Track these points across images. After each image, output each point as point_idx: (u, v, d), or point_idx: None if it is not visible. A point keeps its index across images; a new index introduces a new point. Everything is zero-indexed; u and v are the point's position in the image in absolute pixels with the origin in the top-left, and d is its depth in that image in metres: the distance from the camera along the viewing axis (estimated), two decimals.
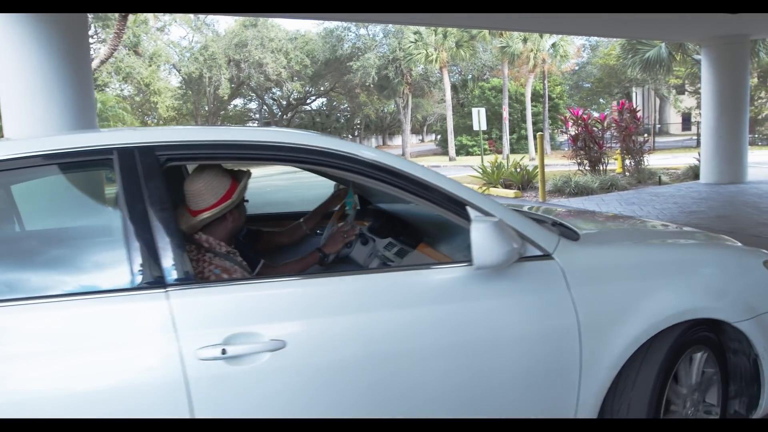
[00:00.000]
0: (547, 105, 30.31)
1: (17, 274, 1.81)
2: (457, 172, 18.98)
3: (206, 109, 35.97)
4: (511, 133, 30.33)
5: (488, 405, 1.94)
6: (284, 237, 3.07)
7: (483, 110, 16.41)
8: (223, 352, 1.63)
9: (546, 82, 30.23)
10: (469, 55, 29.40)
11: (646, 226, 3.05)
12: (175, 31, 34.99)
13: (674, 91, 36.52)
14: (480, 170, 13.27)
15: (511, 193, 12.07)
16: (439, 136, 39.09)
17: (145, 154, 1.77)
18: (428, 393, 1.86)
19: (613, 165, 13.91)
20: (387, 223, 2.93)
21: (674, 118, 42.34)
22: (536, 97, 31.33)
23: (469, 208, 1.94)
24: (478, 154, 29.11)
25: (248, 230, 2.90)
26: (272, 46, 32.54)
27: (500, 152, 25.42)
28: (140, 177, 1.75)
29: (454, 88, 36.73)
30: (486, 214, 1.94)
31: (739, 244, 2.74)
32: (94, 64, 12.88)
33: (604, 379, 2.03)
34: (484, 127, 16.21)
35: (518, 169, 12.73)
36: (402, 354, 1.82)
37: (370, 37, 34.28)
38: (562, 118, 15.65)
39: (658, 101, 41.99)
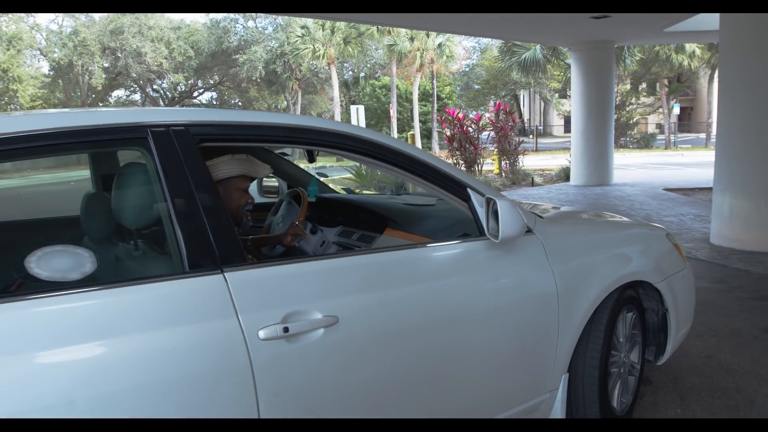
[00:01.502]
0: (435, 105, 30.51)
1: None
2: (335, 173, 18.43)
3: (78, 99, 33.25)
4: (400, 132, 30.29)
5: (494, 363, 2.14)
6: None
7: (362, 108, 16.03)
8: (285, 330, 1.62)
9: (435, 81, 30.42)
10: (357, 51, 29.00)
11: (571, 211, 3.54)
12: (44, 14, 32.11)
13: (556, 95, 38.05)
14: (354, 171, 12.76)
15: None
16: None
17: (182, 134, 1.71)
18: (469, 355, 2.05)
19: (491, 165, 13.92)
20: (333, 213, 3.06)
21: (557, 121, 44.22)
22: (426, 96, 31.51)
23: (469, 190, 2.16)
24: None
25: None
26: (152, 34, 30.58)
27: None
28: (180, 156, 1.67)
29: (345, 85, 36.29)
30: (482, 194, 2.16)
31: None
32: None
33: (573, 337, 2.34)
34: (362, 125, 15.77)
35: None
36: (447, 322, 1.98)
37: (258, 29, 33.08)
38: (438, 118, 15.50)
39: (542, 104, 43.69)
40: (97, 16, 31.23)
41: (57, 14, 31.65)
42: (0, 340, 1.33)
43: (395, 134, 27.84)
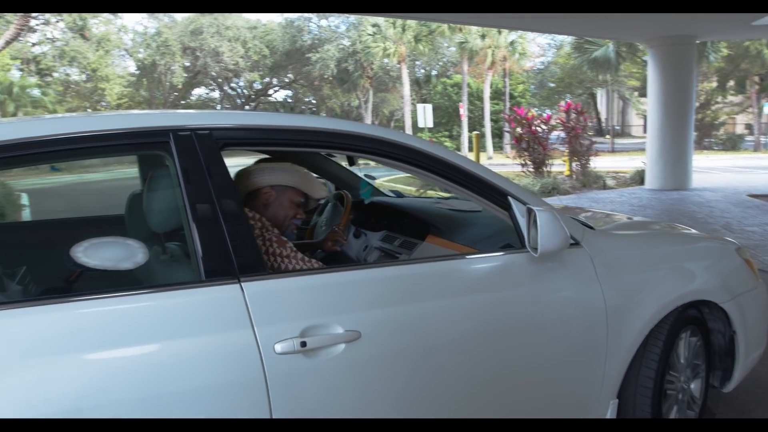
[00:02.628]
0: (508, 103, 29.93)
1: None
2: (385, 171, 18.29)
3: (161, 97, 34.73)
4: (471, 131, 29.89)
5: (530, 387, 2.02)
6: None
7: (429, 107, 15.86)
8: (303, 344, 1.56)
9: (507, 80, 29.83)
10: (428, 49, 28.81)
11: (627, 221, 3.28)
12: (131, 16, 33.82)
13: (635, 93, 36.53)
14: None
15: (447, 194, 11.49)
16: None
17: (204, 137, 1.67)
18: (503, 377, 1.94)
19: (562, 167, 13.47)
20: (378, 217, 2.99)
21: (636, 120, 42.47)
22: (498, 95, 30.97)
23: (510, 198, 2.03)
24: None
25: None
26: (229, 34, 31.51)
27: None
28: (201, 161, 1.64)
29: (417, 83, 36.18)
30: (524, 203, 2.03)
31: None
32: None
33: (623, 359, 2.16)
34: (430, 124, 15.66)
35: None
36: (480, 340, 1.87)
37: (331, 28, 33.48)
38: (505, 117, 15.16)
39: (620, 103, 42.09)
40: (178, 16, 32.51)
41: (142, 16, 33.17)
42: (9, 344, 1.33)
43: (465, 133, 27.47)
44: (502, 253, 2.06)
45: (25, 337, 1.35)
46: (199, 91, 42.67)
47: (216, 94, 43.14)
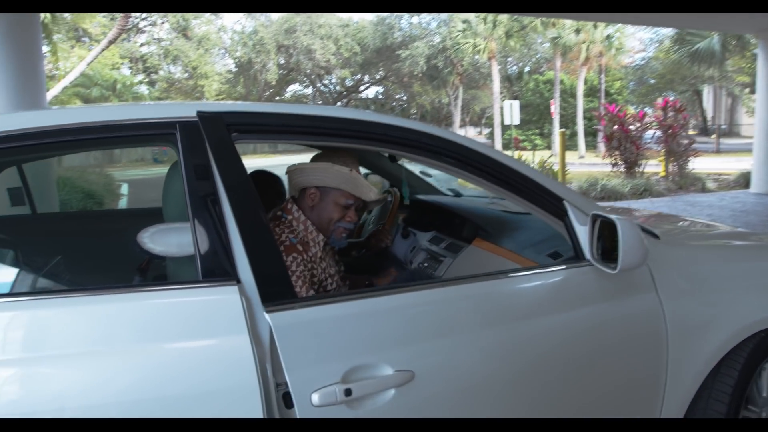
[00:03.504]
0: (603, 100, 28.66)
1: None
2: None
3: (256, 93, 35.99)
4: (562, 129, 28.89)
5: (590, 407, 1.81)
6: None
7: (516, 103, 15.41)
8: (348, 393, 1.30)
9: (602, 76, 28.56)
10: (520, 45, 28.09)
11: (710, 228, 2.95)
12: (230, 15, 35.28)
13: (746, 90, 33.94)
14: None
15: None
16: (489, 130, 37.94)
17: (212, 127, 1.52)
18: (566, 400, 1.76)
19: (658, 167, 12.69)
20: (429, 216, 2.84)
21: (747, 119, 39.47)
22: (593, 92, 29.74)
23: (566, 203, 1.82)
24: (529, 149, 28.03)
25: None
26: (321, 32, 32.13)
27: (523, 149, 24.14)
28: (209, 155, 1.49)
29: (508, 79, 35.43)
30: (583, 211, 1.83)
31: None
32: (102, 44, 12.66)
33: (687, 389, 1.92)
34: (516, 121, 15.22)
35: (541, 169, 11.71)
36: (536, 371, 1.66)
37: (421, 25, 33.39)
38: (596, 114, 14.45)
39: (729, 100, 39.29)
40: (274, 16, 33.49)
41: (240, 16, 34.47)
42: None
43: (556, 131, 26.51)
44: (561, 267, 1.85)
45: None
46: (293, 88, 43.98)
47: (309, 91, 44.28)
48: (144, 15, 28.74)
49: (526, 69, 35.04)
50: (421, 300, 1.58)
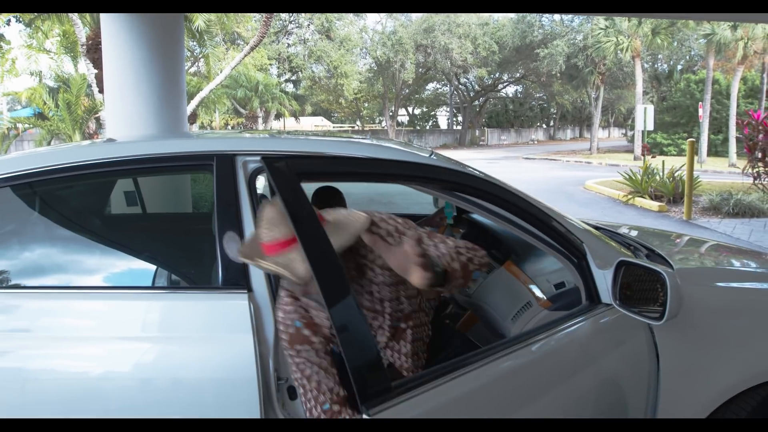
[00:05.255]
0: (764, 103, 26.02)
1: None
2: (603, 173, 17.21)
3: (394, 92, 36.92)
4: (716, 134, 26.62)
5: None
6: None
7: (650, 108, 14.57)
8: None
9: (765, 76, 25.92)
10: (668, 43, 26.25)
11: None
12: (372, 16, 36.48)
13: None
14: (626, 176, 11.77)
15: (655, 205, 10.53)
16: (631, 132, 35.92)
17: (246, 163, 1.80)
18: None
19: None
20: (479, 234, 2.91)
21: None
22: (754, 93, 27.08)
23: (586, 247, 1.88)
24: (673, 154, 26.19)
25: None
26: (459, 31, 32.23)
27: (652, 156, 22.41)
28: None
29: (656, 79, 33.31)
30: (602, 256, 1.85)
31: None
32: (245, 50, 13.75)
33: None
34: (650, 127, 14.40)
35: (671, 179, 11.03)
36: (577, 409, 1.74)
37: (563, 23, 32.33)
38: (738, 122, 13.23)
39: None
40: (414, 16, 34.12)
41: (381, 16, 35.48)
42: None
43: (705, 136, 24.55)
44: (562, 325, 1.85)
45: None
46: (431, 86, 44.44)
47: (446, 89, 44.53)
48: (292, 17, 30.60)
49: (678, 67, 32.72)
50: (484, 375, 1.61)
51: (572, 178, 16.93)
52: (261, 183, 2.12)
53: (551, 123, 55.91)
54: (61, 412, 1.72)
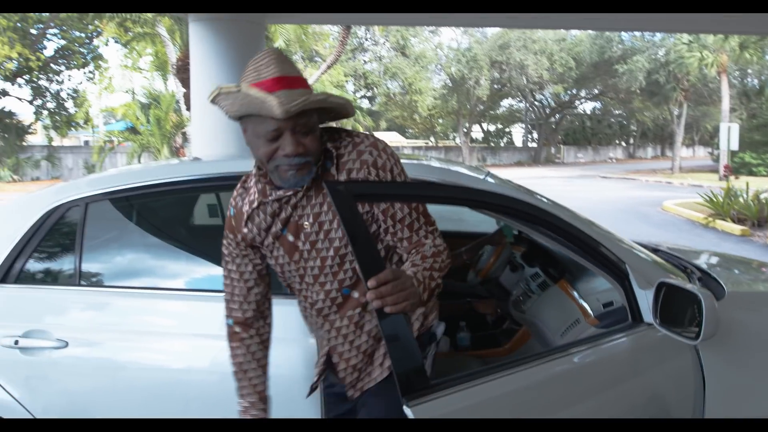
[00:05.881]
0: None
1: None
2: (684, 193, 16.52)
3: (467, 108, 36.94)
4: None
5: None
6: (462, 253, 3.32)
7: (735, 127, 13.94)
8: None
9: None
10: (757, 58, 25.02)
11: None
12: (447, 33, 36.78)
13: None
14: (707, 198, 11.33)
15: (737, 229, 10.09)
16: (716, 151, 34.33)
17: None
18: None
19: None
20: (537, 253, 2.98)
21: None
22: None
23: (628, 267, 1.93)
24: (763, 175, 24.85)
25: None
26: (535, 47, 31.94)
27: (735, 176, 21.11)
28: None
29: (745, 95, 31.77)
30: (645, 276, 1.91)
31: None
32: (322, 68, 14.24)
33: None
34: (734, 146, 13.79)
35: (756, 201, 10.55)
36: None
37: (644, 38, 31.42)
38: None
39: None
40: (489, 32, 34.11)
41: (457, 33, 35.69)
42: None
43: None
44: (626, 333, 1.92)
45: None
46: (506, 102, 44.11)
47: (521, 105, 44.07)
48: (368, 34, 31.27)
49: None
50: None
51: (650, 198, 16.42)
52: None
53: (631, 141, 54.18)
54: (146, 398, 1.97)
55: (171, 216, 2.52)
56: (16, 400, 1.98)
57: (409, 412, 1.37)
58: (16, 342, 1.98)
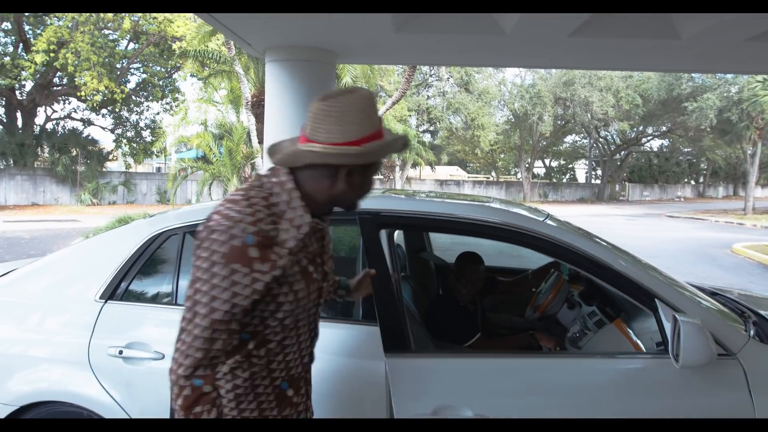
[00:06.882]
0: None
1: None
2: (757, 236, 15.85)
3: (529, 144, 36.79)
4: None
5: None
6: (512, 286, 3.63)
7: None
8: None
9: None
10: None
11: None
12: (511, 70, 36.94)
13: None
14: None
15: None
16: None
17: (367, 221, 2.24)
18: None
19: None
20: (594, 292, 3.10)
21: None
22: None
23: (657, 301, 2.10)
24: None
25: (487, 277, 3.35)
26: (600, 84, 31.65)
27: None
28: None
29: None
30: (674, 308, 2.06)
31: None
32: (388, 104, 14.66)
33: None
34: None
35: None
36: None
37: (715, 75, 30.62)
38: None
39: None
40: (553, 69, 34.03)
41: (521, 70, 35.76)
42: None
43: None
44: (633, 356, 2.16)
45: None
46: (569, 138, 43.67)
47: (585, 142, 43.53)
48: (432, 71, 31.76)
49: None
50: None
51: (719, 240, 15.90)
52: None
53: (701, 179, 52.43)
54: None
55: None
56: (117, 403, 2.25)
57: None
58: (120, 352, 2.27)
